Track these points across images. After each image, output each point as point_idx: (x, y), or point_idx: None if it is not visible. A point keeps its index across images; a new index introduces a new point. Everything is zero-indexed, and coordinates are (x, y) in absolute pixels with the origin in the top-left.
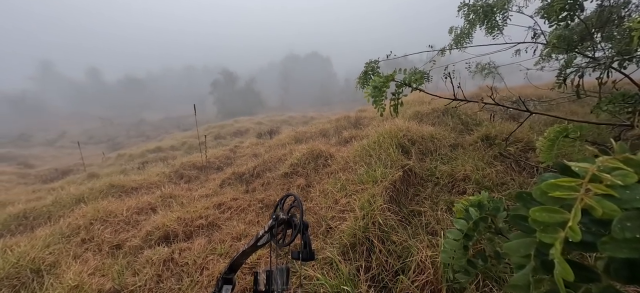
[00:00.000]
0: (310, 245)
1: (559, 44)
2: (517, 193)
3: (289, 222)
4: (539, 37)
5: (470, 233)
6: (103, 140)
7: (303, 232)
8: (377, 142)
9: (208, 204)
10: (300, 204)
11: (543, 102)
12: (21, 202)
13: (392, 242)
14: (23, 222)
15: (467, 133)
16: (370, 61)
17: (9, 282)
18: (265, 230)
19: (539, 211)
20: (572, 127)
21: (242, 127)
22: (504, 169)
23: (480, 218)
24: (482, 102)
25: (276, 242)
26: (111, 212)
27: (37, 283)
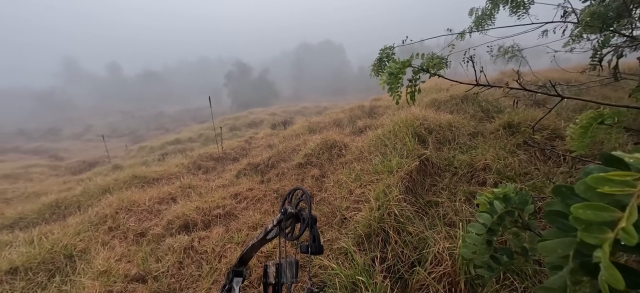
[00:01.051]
0: (319, 239)
1: (593, 22)
2: (554, 187)
3: (297, 216)
4: (569, 16)
5: (495, 228)
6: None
7: (311, 226)
8: (392, 131)
9: (225, 194)
10: (308, 198)
11: (572, 87)
12: (53, 192)
13: (408, 233)
14: (56, 211)
15: (488, 121)
16: (385, 47)
17: (45, 266)
18: (273, 223)
19: (582, 208)
20: (609, 112)
21: (256, 118)
22: (527, 158)
23: (506, 211)
24: (507, 87)
25: (285, 236)
26: (135, 201)
27: (70, 268)
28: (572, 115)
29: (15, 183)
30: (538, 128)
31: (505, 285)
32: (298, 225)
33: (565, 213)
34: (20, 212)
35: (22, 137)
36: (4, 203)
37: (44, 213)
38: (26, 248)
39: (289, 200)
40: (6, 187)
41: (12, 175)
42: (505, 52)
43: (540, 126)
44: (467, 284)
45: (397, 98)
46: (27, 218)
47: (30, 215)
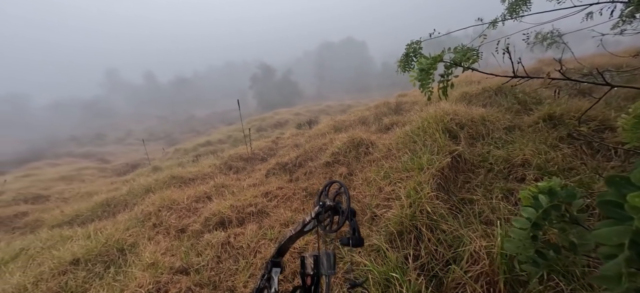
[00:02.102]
0: (359, 231)
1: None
2: (608, 177)
3: (335, 209)
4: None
5: (540, 223)
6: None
7: (351, 218)
8: (421, 128)
9: (256, 193)
10: (346, 191)
11: (623, 73)
12: (103, 192)
13: (442, 231)
14: (106, 209)
15: (525, 113)
16: (411, 42)
17: (101, 258)
18: (311, 216)
19: (639, 197)
20: None
21: (282, 118)
22: (572, 152)
23: (552, 206)
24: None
25: (323, 228)
26: (174, 200)
27: (122, 260)
28: (624, 104)
29: (70, 184)
30: (584, 119)
31: (550, 286)
32: (336, 218)
33: (619, 203)
34: (77, 210)
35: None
36: (63, 202)
37: (97, 211)
38: (85, 241)
39: (326, 193)
40: (64, 187)
41: (68, 177)
42: (543, 39)
43: (586, 117)
44: (506, 284)
45: (429, 94)
46: (82, 215)
47: (85, 213)
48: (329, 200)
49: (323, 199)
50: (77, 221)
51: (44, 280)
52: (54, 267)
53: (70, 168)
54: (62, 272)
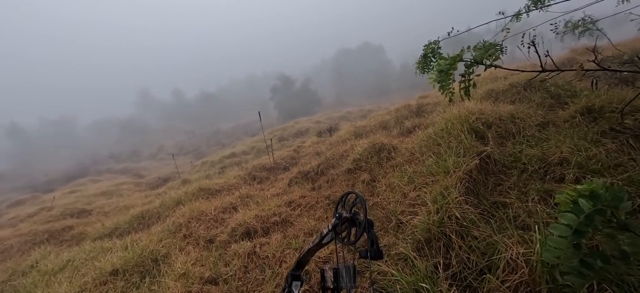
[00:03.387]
0: (378, 243)
1: None
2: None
3: (352, 220)
4: None
5: (582, 229)
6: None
7: (368, 230)
8: (445, 129)
9: (280, 202)
10: (363, 202)
11: None
12: (138, 205)
13: (474, 238)
14: (141, 221)
15: (560, 108)
16: (429, 42)
17: (137, 269)
18: (329, 228)
19: None
20: None
21: (302, 127)
22: (617, 147)
23: (595, 210)
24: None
25: (341, 240)
26: (203, 211)
27: (156, 270)
28: None
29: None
30: (629, 110)
31: None
32: (354, 230)
33: None
34: (116, 223)
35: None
36: (104, 216)
37: (133, 223)
38: (122, 253)
39: (343, 205)
40: (104, 202)
41: (108, 192)
42: (574, 27)
43: (631, 108)
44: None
45: (450, 95)
46: (121, 228)
47: (123, 225)
48: (345, 212)
49: (340, 211)
50: (116, 233)
51: (88, 289)
52: (96, 277)
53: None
54: (103, 282)
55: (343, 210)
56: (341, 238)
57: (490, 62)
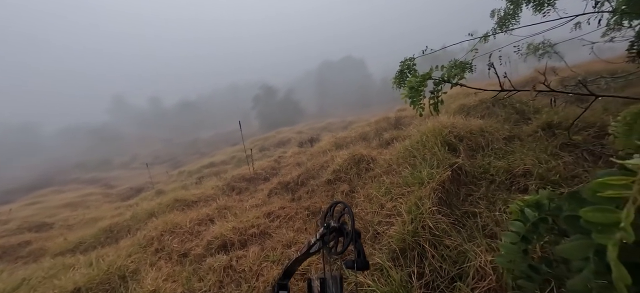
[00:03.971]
0: (364, 254)
1: (631, 8)
2: (568, 194)
3: (340, 230)
4: (602, 5)
5: (529, 236)
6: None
7: (356, 240)
8: (420, 142)
9: (258, 214)
10: (351, 212)
11: (618, 78)
12: (107, 217)
13: (446, 247)
14: (110, 235)
15: (524, 123)
16: (405, 59)
17: (103, 287)
18: (316, 237)
19: (590, 211)
20: None
21: (284, 137)
22: (574, 160)
23: (540, 219)
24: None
25: (328, 250)
26: (177, 224)
27: (124, 288)
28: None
29: (75, 210)
30: (582, 126)
31: None
32: (341, 239)
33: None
34: (80, 237)
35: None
36: (67, 229)
37: (100, 237)
38: (86, 269)
39: (331, 214)
40: (68, 214)
41: (73, 204)
42: (535, 50)
43: (585, 124)
44: None
45: (420, 110)
46: (86, 242)
47: (89, 239)
48: (333, 222)
49: (328, 220)
50: (80, 248)
51: None
52: None
53: (75, 194)
54: None
55: (331, 219)
56: (328, 248)
57: (456, 81)
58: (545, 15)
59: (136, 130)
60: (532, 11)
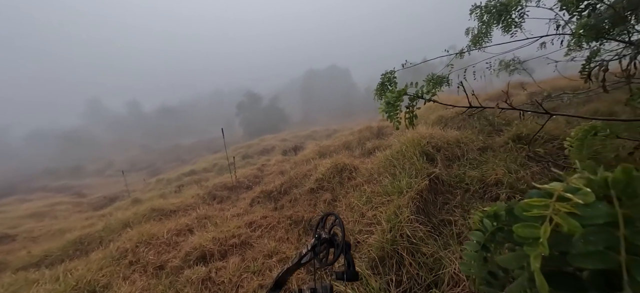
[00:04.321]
0: (354, 265)
1: (586, 33)
2: (506, 210)
3: (331, 241)
4: (564, 28)
5: (488, 245)
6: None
7: (346, 252)
8: (400, 152)
9: (240, 223)
10: (341, 224)
11: (579, 94)
12: (77, 228)
13: (423, 254)
14: (79, 247)
15: (497, 134)
16: (386, 72)
17: None
18: (308, 248)
19: (520, 227)
20: (601, 124)
21: (268, 145)
22: (540, 170)
23: (497, 228)
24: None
25: (319, 261)
26: (154, 234)
27: None
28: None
29: (41, 221)
30: (548, 138)
31: None
32: (332, 250)
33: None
34: (46, 250)
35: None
36: (31, 242)
37: (68, 250)
38: (52, 285)
39: (323, 226)
40: (33, 225)
41: (38, 214)
42: (506, 66)
43: (550, 137)
44: None
45: (397, 124)
46: (52, 255)
47: (56, 253)
48: (324, 233)
49: (319, 231)
50: (45, 262)
51: None
52: None
53: (42, 203)
54: None
55: (322, 230)
56: (319, 259)
57: (428, 97)
58: (513, 36)
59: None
60: (501, 32)
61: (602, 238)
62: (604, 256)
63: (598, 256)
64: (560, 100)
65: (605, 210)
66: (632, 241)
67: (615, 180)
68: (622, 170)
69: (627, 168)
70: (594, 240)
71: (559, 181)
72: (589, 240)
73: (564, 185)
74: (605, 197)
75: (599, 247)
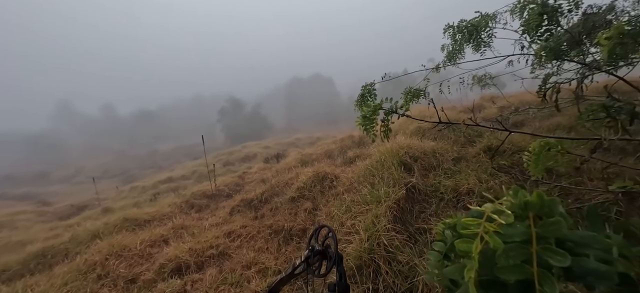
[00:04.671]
0: (346, 278)
1: (547, 54)
2: (447, 226)
3: (324, 253)
4: (528, 48)
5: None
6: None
7: (338, 264)
8: (379, 161)
9: (218, 233)
10: (334, 236)
11: (543, 109)
12: (40, 240)
13: (399, 262)
14: (42, 261)
15: (470, 145)
16: (366, 84)
17: None
18: (301, 259)
19: (460, 243)
20: (554, 141)
21: (250, 152)
22: (509, 180)
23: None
24: (464, 124)
25: (312, 273)
26: (125, 246)
27: None
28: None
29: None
30: (515, 150)
31: None
32: (324, 262)
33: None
34: (4, 264)
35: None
36: None
37: (29, 264)
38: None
39: (316, 238)
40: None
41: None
42: (479, 81)
43: (517, 148)
44: None
45: (373, 137)
46: (10, 270)
47: (14, 267)
48: (318, 245)
49: (313, 243)
50: (2, 278)
51: None
52: None
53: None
54: None
55: (316, 242)
56: (312, 270)
57: (402, 112)
58: (482, 54)
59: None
60: (471, 50)
61: (520, 253)
62: (521, 269)
63: (517, 269)
64: (526, 113)
65: (522, 230)
66: (542, 256)
67: (531, 203)
68: (536, 195)
69: (540, 194)
70: (514, 255)
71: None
72: (510, 255)
73: (493, 206)
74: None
75: (517, 261)
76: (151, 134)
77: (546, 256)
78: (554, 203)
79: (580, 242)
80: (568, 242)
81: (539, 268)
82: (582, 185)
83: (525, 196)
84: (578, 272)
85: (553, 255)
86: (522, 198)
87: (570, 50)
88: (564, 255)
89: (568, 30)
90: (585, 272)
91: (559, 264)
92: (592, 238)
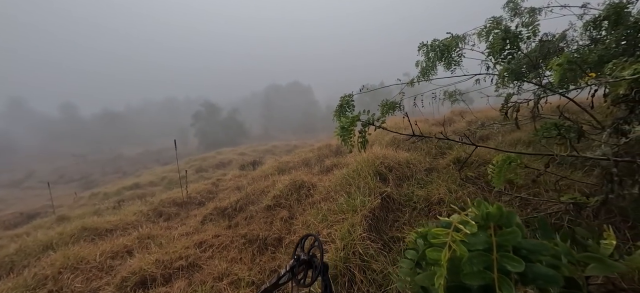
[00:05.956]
0: (331, 287)
1: (509, 75)
2: (419, 235)
3: (309, 263)
4: (493, 69)
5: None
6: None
7: (323, 274)
8: (356, 171)
9: (188, 243)
10: (321, 246)
11: (506, 124)
12: None
13: (373, 271)
14: None
15: (441, 157)
16: (344, 95)
17: None
18: (286, 269)
19: (430, 251)
20: (514, 156)
21: (225, 158)
22: (476, 190)
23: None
24: (435, 137)
25: (297, 282)
26: (83, 258)
27: None
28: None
29: None
30: (482, 162)
31: None
32: (309, 272)
33: None
34: None
35: None
36: None
37: None
38: None
39: (302, 247)
40: None
41: None
42: (449, 96)
43: (484, 160)
44: None
45: (351, 148)
46: None
47: None
48: (303, 254)
49: (298, 253)
50: None
51: None
52: None
53: None
54: None
55: (301, 252)
56: (297, 280)
57: (378, 124)
58: (453, 72)
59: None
60: (443, 68)
61: (482, 260)
62: (484, 275)
63: (479, 275)
64: (491, 128)
65: (484, 239)
66: (501, 263)
67: (491, 214)
68: (496, 207)
69: (499, 206)
70: (476, 262)
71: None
72: (473, 262)
73: (460, 217)
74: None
75: (480, 267)
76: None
77: (504, 262)
78: (511, 215)
79: (532, 250)
80: (523, 249)
81: (499, 273)
82: (539, 196)
83: (487, 208)
84: (531, 276)
85: (510, 262)
86: (484, 210)
87: (529, 73)
88: (519, 261)
89: (527, 54)
90: (537, 276)
91: (515, 270)
92: (542, 246)
